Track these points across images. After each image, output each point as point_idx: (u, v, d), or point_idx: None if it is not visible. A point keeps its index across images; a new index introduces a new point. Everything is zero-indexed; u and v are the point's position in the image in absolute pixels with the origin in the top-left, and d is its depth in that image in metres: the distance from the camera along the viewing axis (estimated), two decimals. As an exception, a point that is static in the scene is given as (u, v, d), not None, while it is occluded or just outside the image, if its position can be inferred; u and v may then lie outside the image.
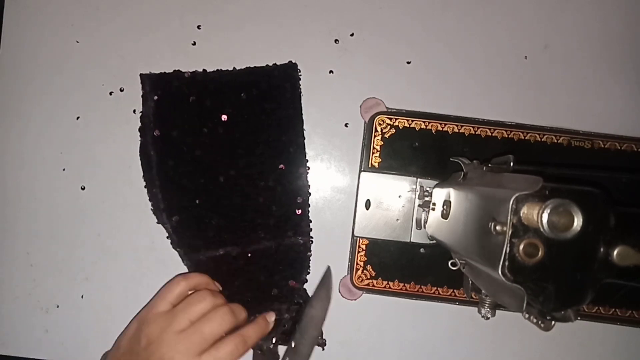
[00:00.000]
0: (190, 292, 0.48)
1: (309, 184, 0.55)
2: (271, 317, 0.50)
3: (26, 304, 0.56)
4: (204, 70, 0.55)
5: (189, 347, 0.43)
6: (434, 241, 0.53)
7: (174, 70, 0.55)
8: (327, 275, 0.53)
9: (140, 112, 0.55)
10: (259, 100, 0.54)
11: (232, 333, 0.46)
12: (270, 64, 0.56)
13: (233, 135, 0.54)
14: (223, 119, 0.53)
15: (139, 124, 0.56)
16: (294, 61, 0.56)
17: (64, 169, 0.57)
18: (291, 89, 0.55)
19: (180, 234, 0.53)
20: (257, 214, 0.54)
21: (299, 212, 0.54)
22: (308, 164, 0.56)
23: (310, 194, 0.55)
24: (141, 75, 0.55)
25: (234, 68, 0.56)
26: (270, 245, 0.54)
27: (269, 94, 0.55)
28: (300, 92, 0.56)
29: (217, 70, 0.55)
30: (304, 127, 0.56)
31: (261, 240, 0.53)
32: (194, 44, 0.57)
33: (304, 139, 0.55)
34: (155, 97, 0.54)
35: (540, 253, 0.30)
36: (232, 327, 0.46)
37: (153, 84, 0.54)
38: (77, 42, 0.57)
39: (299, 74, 0.56)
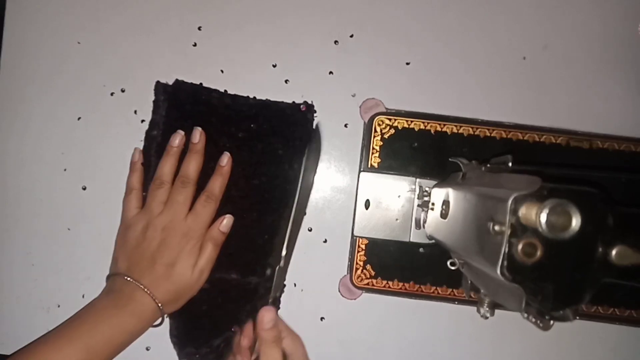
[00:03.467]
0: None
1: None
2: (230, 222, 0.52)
3: (27, 303, 0.57)
4: (225, 91, 0.55)
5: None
6: (433, 241, 0.53)
7: (193, 83, 0.55)
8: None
9: (150, 119, 0.55)
10: (266, 136, 0.54)
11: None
12: (289, 102, 0.56)
13: (232, 162, 0.53)
14: (227, 146, 0.53)
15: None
16: (310, 102, 0.56)
17: (65, 169, 0.57)
18: (300, 134, 0.54)
19: None
20: (236, 240, 0.53)
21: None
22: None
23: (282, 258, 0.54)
24: (157, 83, 0.55)
25: (254, 97, 0.55)
26: (234, 278, 0.53)
27: (278, 132, 0.54)
28: (307, 141, 0.54)
29: (235, 95, 0.55)
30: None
31: (229, 272, 0.53)
32: (195, 44, 0.57)
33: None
34: (167, 106, 0.54)
35: (538, 253, 0.30)
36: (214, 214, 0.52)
37: (168, 94, 0.54)
38: (78, 42, 0.57)
39: (314, 115, 0.55)
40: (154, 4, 0.57)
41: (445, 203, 0.46)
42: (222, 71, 0.57)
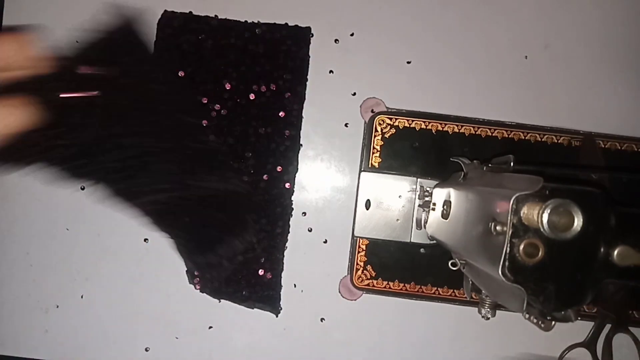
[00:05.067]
0: None
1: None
2: None
3: (26, 304, 0.56)
4: (215, 16, 0.56)
5: None
6: (434, 241, 0.53)
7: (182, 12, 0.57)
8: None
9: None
10: (261, 56, 0.55)
11: None
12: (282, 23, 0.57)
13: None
14: (222, 68, 0.55)
15: None
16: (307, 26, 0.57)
17: (63, 169, 0.57)
18: (295, 49, 0.56)
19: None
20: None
21: (279, 168, 0.55)
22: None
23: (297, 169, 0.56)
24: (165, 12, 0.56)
25: (246, 21, 0.56)
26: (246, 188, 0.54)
27: (272, 51, 0.55)
28: (307, 58, 0.56)
29: (225, 19, 0.56)
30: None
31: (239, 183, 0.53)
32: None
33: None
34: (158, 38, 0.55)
35: (540, 253, 0.30)
36: None
37: (159, 25, 0.55)
38: (77, 42, 0.57)
39: (310, 36, 0.56)
40: (152, 2, 0.57)
41: (447, 203, 0.46)
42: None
